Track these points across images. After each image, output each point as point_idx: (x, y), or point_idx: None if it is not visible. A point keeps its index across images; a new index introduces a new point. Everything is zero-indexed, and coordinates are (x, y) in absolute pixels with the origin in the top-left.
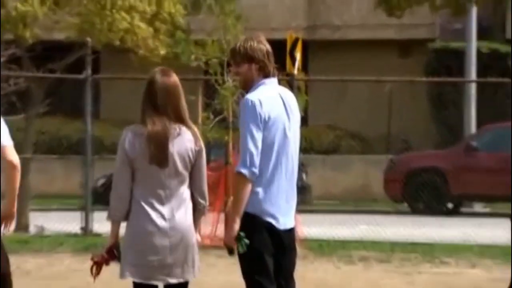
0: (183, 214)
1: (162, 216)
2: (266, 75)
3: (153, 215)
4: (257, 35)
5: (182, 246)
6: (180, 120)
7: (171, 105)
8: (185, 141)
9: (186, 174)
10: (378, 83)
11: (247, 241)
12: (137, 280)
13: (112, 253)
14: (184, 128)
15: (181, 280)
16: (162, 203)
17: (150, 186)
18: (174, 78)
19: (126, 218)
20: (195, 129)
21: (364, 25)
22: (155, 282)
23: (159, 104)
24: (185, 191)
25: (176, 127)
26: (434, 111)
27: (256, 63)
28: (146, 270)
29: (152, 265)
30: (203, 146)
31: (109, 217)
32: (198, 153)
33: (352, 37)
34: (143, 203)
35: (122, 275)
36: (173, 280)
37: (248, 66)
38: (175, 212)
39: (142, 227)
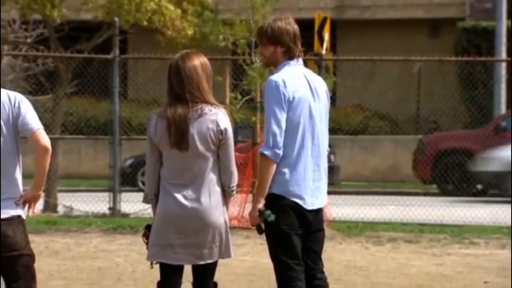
0: (208, 196)
1: (186, 198)
2: (291, 58)
3: (177, 196)
4: (286, 16)
5: (207, 227)
6: (202, 101)
7: (189, 89)
8: (206, 122)
9: (209, 155)
10: (407, 63)
11: (268, 212)
12: (162, 261)
13: (146, 234)
14: (207, 109)
15: (208, 261)
16: (186, 185)
17: (174, 169)
18: (193, 62)
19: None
20: (222, 108)
21: (393, 5)
22: (180, 263)
23: (176, 89)
24: (210, 172)
25: (198, 109)
26: (463, 91)
27: (282, 46)
28: (170, 251)
29: (176, 246)
30: (228, 125)
31: (143, 200)
32: (221, 133)
33: (381, 17)
34: (167, 185)
35: (148, 256)
36: (199, 261)
37: (274, 49)
38: (200, 194)
39: (166, 209)
